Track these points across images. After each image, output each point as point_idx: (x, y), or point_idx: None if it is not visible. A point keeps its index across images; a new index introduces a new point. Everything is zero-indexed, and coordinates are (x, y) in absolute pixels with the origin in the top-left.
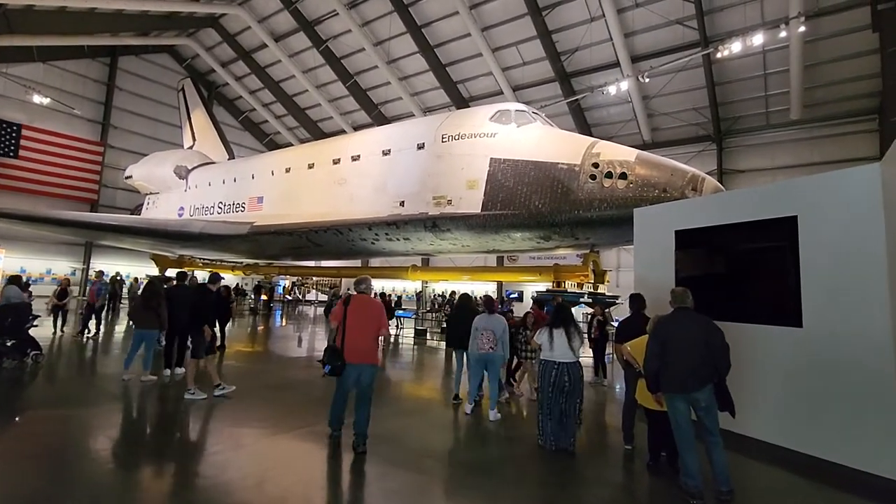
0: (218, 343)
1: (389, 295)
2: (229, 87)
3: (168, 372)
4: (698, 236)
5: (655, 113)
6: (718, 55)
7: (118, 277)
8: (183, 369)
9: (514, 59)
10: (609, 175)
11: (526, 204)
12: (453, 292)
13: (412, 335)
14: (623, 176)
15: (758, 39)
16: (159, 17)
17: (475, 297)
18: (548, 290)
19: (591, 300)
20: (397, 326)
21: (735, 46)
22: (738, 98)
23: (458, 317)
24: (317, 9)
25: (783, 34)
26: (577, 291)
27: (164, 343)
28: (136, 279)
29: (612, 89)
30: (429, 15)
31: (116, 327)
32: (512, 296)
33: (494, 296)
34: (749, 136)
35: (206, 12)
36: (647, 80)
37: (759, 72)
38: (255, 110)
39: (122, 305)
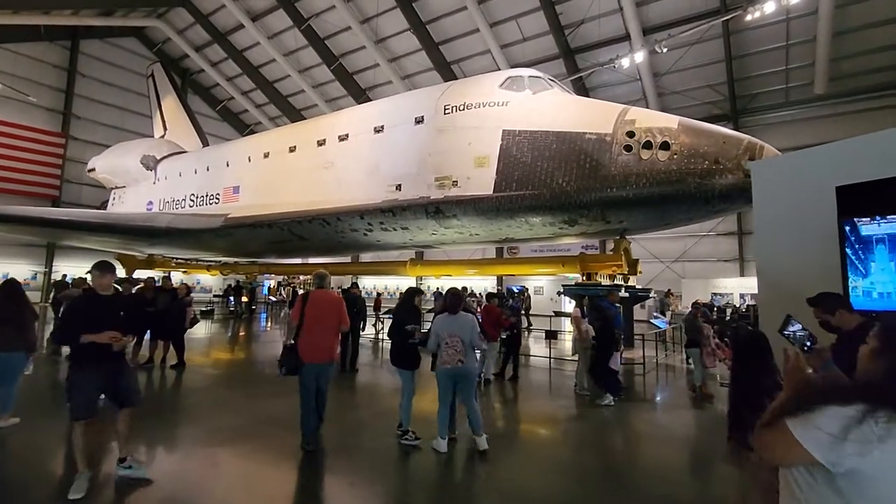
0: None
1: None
2: (205, 73)
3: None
4: (888, 193)
5: (666, 92)
6: (748, 17)
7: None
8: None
9: (513, 35)
10: (648, 145)
11: (547, 182)
12: (464, 288)
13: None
14: (665, 146)
15: None
16: None
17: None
18: (577, 284)
19: (627, 294)
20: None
21: (768, 6)
22: (756, 72)
23: (396, 321)
24: None
25: None
26: (610, 284)
27: (30, 370)
28: (82, 279)
29: (625, 62)
30: None
31: None
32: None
33: (495, 291)
34: (767, 114)
35: None
36: (664, 50)
37: (781, 42)
38: (233, 99)
39: None
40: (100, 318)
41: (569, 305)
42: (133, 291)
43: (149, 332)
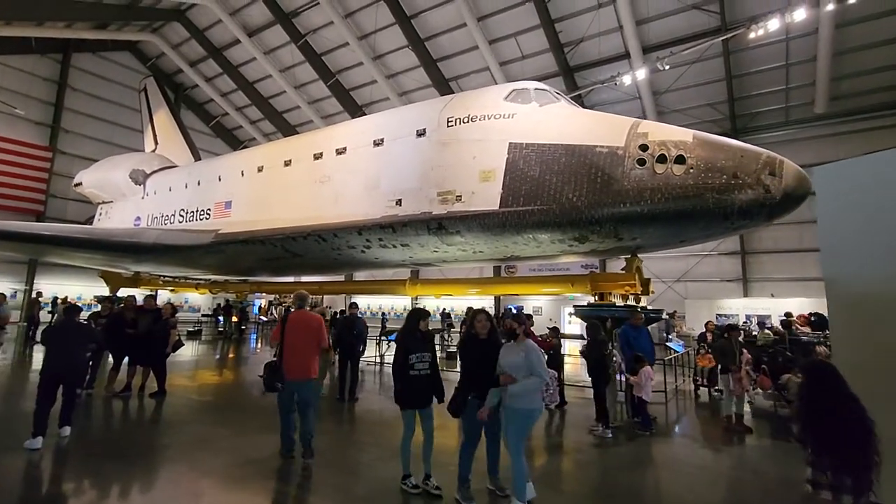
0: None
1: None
2: (198, 89)
3: (38, 443)
4: None
5: (666, 110)
6: (751, 35)
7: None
8: (68, 428)
9: (512, 53)
10: (662, 159)
11: (556, 197)
12: (470, 308)
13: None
14: (680, 159)
15: (799, 14)
16: (118, 8)
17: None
18: (590, 305)
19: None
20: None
21: (772, 24)
22: (756, 91)
23: (400, 349)
24: None
25: (829, 6)
26: (626, 305)
27: None
28: (64, 300)
29: (626, 79)
30: (419, 4)
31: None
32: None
33: (491, 312)
34: (767, 133)
35: (172, 3)
36: (666, 67)
37: (781, 61)
38: (227, 115)
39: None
40: None
41: (569, 326)
42: (113, 311)
43: (127, 356)
